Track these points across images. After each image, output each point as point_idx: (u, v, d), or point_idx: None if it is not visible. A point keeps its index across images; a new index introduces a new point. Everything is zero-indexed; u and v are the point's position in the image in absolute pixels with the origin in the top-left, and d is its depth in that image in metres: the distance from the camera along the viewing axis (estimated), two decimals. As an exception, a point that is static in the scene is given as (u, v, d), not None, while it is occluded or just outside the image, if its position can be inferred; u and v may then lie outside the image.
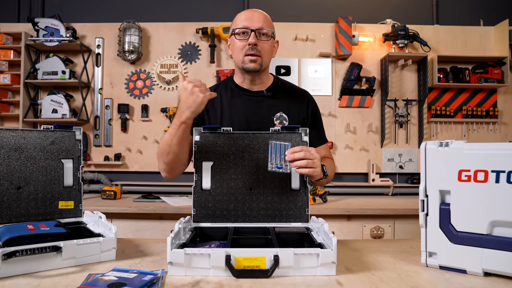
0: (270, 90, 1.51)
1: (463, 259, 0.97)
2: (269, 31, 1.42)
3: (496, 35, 3.34)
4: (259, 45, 1.40)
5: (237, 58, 1.45)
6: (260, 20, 1.41)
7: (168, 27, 3.36)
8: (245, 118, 1.46)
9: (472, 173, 0.96)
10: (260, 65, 1.43)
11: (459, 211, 0.99)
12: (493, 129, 3.34)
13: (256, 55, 1.41)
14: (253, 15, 1.42)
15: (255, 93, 1.50)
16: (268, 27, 1.42)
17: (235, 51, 1.45)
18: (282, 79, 1.61)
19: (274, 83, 1.55)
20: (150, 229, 2.54)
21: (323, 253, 0.94)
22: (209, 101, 1.46)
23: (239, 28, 1.41)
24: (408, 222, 2.55)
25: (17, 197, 1.23)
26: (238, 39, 1.42)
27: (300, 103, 1.54)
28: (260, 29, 1.40)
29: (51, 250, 0.97)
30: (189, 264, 0.93)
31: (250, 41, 1.39)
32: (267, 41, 1.43)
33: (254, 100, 1.49)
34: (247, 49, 1.40)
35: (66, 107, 3.14)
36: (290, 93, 1.55)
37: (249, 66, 1.42)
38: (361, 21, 3.34)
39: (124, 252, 1.18)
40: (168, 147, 1.32)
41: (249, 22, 1.40)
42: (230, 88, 1.53)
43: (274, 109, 1.48)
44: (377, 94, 3.35)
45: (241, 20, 1.42)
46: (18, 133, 1.25)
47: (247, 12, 1.45)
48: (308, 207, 1.32)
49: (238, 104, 1.49)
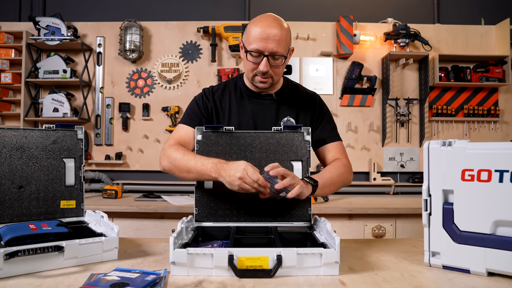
0: (280, 94, 1.49)
1: (466, 259, 0.97)
2: (282, 57, 1.33)
3: (497, 34, 3.33)
4: (270, 70, 1.34)
5: (247, 74, 1.41)
6: (275, 41, 1.29)
7: (169, 26, 3.35)
8: (253, 121, 1.44)
9: (476, 173, 0.96)
10: (271, 84, 1.40)
11: (462, 211, 0.98)
12: (495, 128, 3.34)
13: (266, 77, 1.36)
14: (268, 34, 1.29)
15: (264, 96, 1.48)
16: (283, 49, 1.32)
17: (245, 66, 1.40)
18: (292, 81, 1.57)
19: (284, 85, 1.51)
20: (151, 228, 2.54)
21: (326, 252, 0.94)
22: (217, 104, 1.46)
23: (251, 51, 1.32)
24: (410, 221, 2.55)
25: (19, 197, 1.23)
26: (249, 60, 1.34)
27: (309, 107, 1.50)
28: (273, 54, 1.31)
29: (53, 250, 0.97)
30: (191, 264, 0.93)
31: (261, 69, 1.33)
32: (280, 65, 1.35)
33: (263, 103, 1.47)
34: (258, 72, 1.35)
35: (67, 106, 3.14)
36: (300, 97, 1.51)
37: (258, 85, 1.40)
38: (362, 20, 3.34)
39: (126, 251, 1.18)
40: (186, 169, 1.28)
41: (263, 44, 1.29)
42: (240, 89, 1.50)
43: (282, 113, 1.46)
44: (378, 93, 3.34)
45: (255, 38, 1.30)
46: (20, 132, 1.25)
47: (262, 25, 1.31)
48: (310, 207, 1.32)
49: (246, 107, 1.47)
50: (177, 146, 1.36)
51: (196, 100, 1.51)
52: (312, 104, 1.51)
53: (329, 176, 1.36)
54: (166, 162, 1.35)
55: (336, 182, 1.38)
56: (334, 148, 1.49)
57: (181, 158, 1.30)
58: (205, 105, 1.47)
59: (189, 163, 1.27)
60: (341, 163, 1.44)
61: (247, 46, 1.34)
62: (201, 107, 1.47)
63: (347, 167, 1.45)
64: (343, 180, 1.41)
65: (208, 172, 1.21)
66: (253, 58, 1.34)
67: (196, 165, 1.24)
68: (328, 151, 1.48)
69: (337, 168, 1.41)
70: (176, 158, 1.31)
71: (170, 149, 1.36)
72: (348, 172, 1.44)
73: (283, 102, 1.48)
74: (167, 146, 1.38)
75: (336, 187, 1.38)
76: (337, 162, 1.44)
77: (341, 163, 1.44)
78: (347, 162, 1.46)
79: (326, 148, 1.48)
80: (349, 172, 1.45)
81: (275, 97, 1.48)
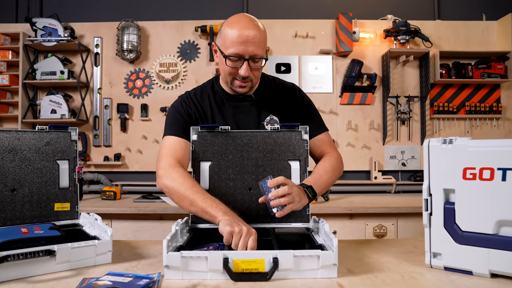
0: (259, 93, 1.43)
1: (469, 260, 0.94)
2: (262, 59, 1.29)
3: (499, 29, 3.29)
4: (251, 73, 1.30)
5: (225, 77, 1.34)
6: (255, 44, 1.24)
7: (167, 26, 3.33)
8: (236, 125, 1.40)
9: (478, 171, 0.93)
10: (250, 88, 1.36)
11: (464, 210, 0.96)
12: (497, 125, 3.30)
13: (246, 81, 1.32)
14: (246, 36, 1.23)
15: (244, 98, 1.42)
16: (262, 51, 1.28)
17: (222, 70, 1.33)
18: (268, 75, 1.52)
19: (261, 83, 1.46)
20: (150, 230, 2.52)
21: (323, 255, 0.91)
22: (199, 109, 1.41)
23: (230, 55, 1.26)
24: (412, 220, 2.52)
25: (12, 200, 1.21)
26: (228, 65, 1.28)
27: (289, 99, 1.46)
28: (253, 56, 1.26)
29: (44, 254, 0.95)
30: (186, 267, 0.91)
31: (242, 73, 1.28)
32: (260, 68, 1.32)
33: (243, 106, 1.42)
34: (238, 76, 1.30)
35: (65, 107, 3.12)
36: (278, 91, 1.47)
37: (238, 90, 1.35)
38: (361, 17, 3.30)
39: (120, 254, 1.15)
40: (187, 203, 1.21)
41: (242, 48, 1.24)
42: (218, 93, 1.44)
43: (264, 112, 1.42)
44: (378, 91, 3.31)
45: (233, 42, 1.24)
46: (12, 134, 1.22)
47: (238, 28, 1.25)
48: (308, 207, 1.29)
49: (227, 111, 1.42)
50: (180, 170, 1.27)
51: (175, 107, 1.42)
52: (293, 97, 1.47)
53: (326, 179, 1.34)
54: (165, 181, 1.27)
55: (332, 182, 1.38)
56: (321, 141, 1.46)
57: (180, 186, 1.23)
58: (186, 110, 1.40)
59: (190, 197, 1.20)
60: (333, 159, 1.42)
61: (224, 51, 1.27)
62: (183, 114, 1.40)
63: (338, 161, 1.44)
64: (337, 176, 1.41)
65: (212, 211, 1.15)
66: (232, 62, 1.28)
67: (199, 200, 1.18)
68: (317, 145, 1.44)
69: (331, 166, 1.39)
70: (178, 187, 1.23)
71: (173, 172, 1.27)
72: (340, 166, 1.45)
73: (263, 101, 1.43)
74: (168, 166, 1.29)
75: (330, 185, 1.39)
76: (329, 158, 1.42)
77: (333, 158, 1.42)
78: (337, 155, 1.45)
79: (313, 142, 1.43)
80: (341, 165, 1.45)
81: (254, 97, 1.42)
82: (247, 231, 1.02)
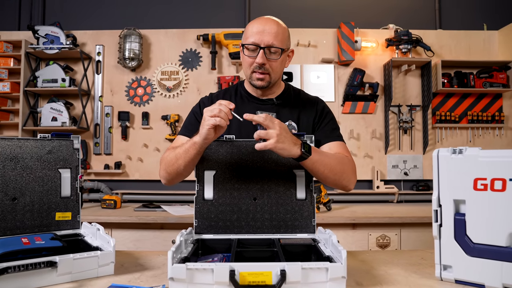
0: (281, 98, 1.46)
1: (481, 273, 0.92)
2: (279, 49, 1.33)
3: (501, 39, 3.30)
4: (267, 63, 1.33)
5: (246, 72, 1.40)
6: (271, 34, 1.31)
7: (169, 34, 3.33)
8: (254, 127, 1.40)
9: (489, 182, 0.92)
10: (268, 82, 1.37)
11: (475, 222, 0.94)
12: (499, 134, 3.29)
13: (264, 73, 1.35)
14: (264, 28, 1.31)
15: (265, 101, 1.45)
16: (279, 43, 1.32)
17: (243, 64, 1.40)
18: (294, 87, 1.55)
19: (285, 90, 1.49)
20: (151, 239, 2.49)
21: (332, 267, 0.89)
22: None
23: (248, 44, 1.33)
24: (415, 230, 2.49)
25: (12, 209, 1.19)
26: (246, 55, 1.35)
27: (310, 110, 1.47)
28: (270, 46, 1.31)
29: (45, 266, 0.92)
30: (191, 279, 0.88)
31: (258, 61, 1.32)
32: (277, 59, 1.34)
33: (263, 108, 1.44)
34: (255, 66, 1.34)
35: (66, 115, 3.10)
36: (301, 101, 1.49)
37: (256, 83, 1.37)
38: (363, 26, 3.31)
39: (123, 265, 1.13)
40: (174, 158, 1.28)
41: (259, 37, 1.30)
42: (240, 94, 1.49)
43: (284, 117, 1.42)
44: (380, 100, 3.31)
45: (252, 33, 1.32)
46: (14, 142, 1.21)
47: (259, 22, 1.34)
48: (314, 217, 1.27)
49: (247, 112, 1.42)
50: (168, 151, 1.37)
51: (193, 108, 1.51)
52: (314, 107, 1.48)
53: (328, 158, 1.26)
54: (161, 168, 1.37)
55: (332, 168, 1.26)
56: (336, 146, 1.40)
57: (168, 154, 1.33)
58: (202, 112, 1.41)
59: (175, 151, 1.28)
60: (345, 158, 1.35)
61: (243, 42, 1.36)
62: (198, 115, 1.45)
63: (351, 162, 1.36)
64: (340, 170, 1.29)
65: (190, 142, 1.21)
66: (249, 52, 1.34)
67: (181, 148, 1.26)
68: (330, 148, 1.39)
69: (340, 158, 1.32)
70: (166, 157, 1.34)
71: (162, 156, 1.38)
72: (351, 168, 1.34)
73: (284, 106, 1.46)
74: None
75: (330, 169, 1.25)
76: (341, 155, 1.36)
77: (345, 157, 1.35)
78: (351, 158, 1.38)
79: (327, 147, 1.39)
80: (352, 169, 1.35)
81: (276, 102, 1.45)
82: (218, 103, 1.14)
